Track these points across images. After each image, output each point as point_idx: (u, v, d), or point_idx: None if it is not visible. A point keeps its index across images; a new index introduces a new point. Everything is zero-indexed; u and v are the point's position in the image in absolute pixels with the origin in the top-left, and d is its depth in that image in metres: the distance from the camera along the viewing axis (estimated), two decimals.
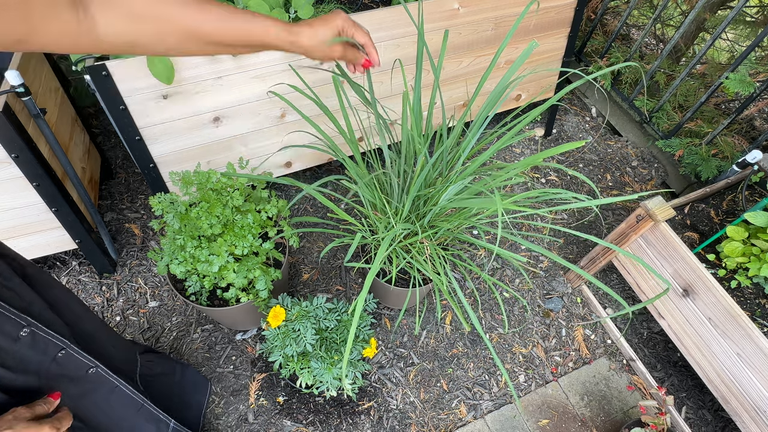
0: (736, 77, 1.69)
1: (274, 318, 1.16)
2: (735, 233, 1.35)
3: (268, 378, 1.51)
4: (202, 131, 1.46)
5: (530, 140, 2.33)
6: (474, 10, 1.60)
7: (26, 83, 1.23)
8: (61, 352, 0.79)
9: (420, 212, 1.28)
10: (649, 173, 2.22)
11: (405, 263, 1.33)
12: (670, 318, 1.44)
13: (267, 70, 1.41)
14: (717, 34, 1.76)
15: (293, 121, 1.59)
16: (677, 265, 1.36)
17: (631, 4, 2.09)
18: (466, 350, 1.62)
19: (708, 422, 1.53)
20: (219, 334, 1.59)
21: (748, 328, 1.21)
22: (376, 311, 1.68)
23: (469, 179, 1.11)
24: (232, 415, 1.43)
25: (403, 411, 1.48)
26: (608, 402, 1.55)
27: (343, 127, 1.27)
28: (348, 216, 1.20)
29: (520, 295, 1.77)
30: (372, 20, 1.46)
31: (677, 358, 1.66)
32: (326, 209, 1.94)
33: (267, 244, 1.23)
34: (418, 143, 1.21)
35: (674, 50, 2.31)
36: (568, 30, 1.89)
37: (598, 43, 2.37)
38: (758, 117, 2.12)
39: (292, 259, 1.80)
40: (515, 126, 1.16)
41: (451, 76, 1.78)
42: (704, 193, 1.55)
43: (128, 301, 1.65)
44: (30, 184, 1.32)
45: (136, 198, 1.91)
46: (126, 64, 1.21)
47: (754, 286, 1.38)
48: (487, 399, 1.53)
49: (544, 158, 1.20)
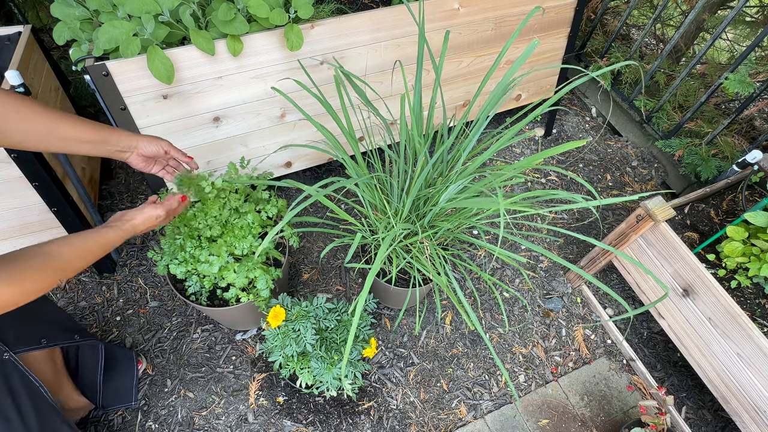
0: (735, 77, 1.68)
1: (274, 318, 1.16)
2: (735, 233, 1.35)
3: (268, 378, 1.51)
4: (202, 131, 1.46)
5: (530, 140, 2.33)
6: (474, 10, 1.60)
7: (26, 83, 1.23)
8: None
9: (420, 212, 1.28)
10: (649, 173, 2.22)
11: (405, 263, 1.33)
12: (670, 318, 1.44)
13: (267, 70, 1.41)
14: (717, 34, 1.76)
15: (293, 121, 1.59)
16: (677, 265, 1.36)
17: (631, 4, 2.09)
18: (466, 350, 1.62)
19: (708, 422, 1.53)
20: (219, 334, 1.59)
21: (748, 328, 1.21)
22: (376, 311, 1.68)
23: (469, 179, 1.11)
24: (232, 415, 1.43)
25: (403, 411, 1.48)
26: (608, 402, 1.55)
27: (344, 126, 1.27)
28: (348, 216, 1.20)
29: (520, 295, 1.77)
30: (372, 20, 1.46)
31: (677, 358, 1.66)
32: (326, 209, 1.94)
33: (266, 244, 1.23)
34: (418, 143, 1.21)
35: (674, 50, 2.31)
36: (568, 30, 1.89)
37: (598, 43, 2.37)
38: (758, 117, 2.12)
39: (292, 259, 1.80)
40: (515, 126, 1.16)
41: (451, 76, 1.78)
42: (704, 193, 1.55)
43: (128, 301, 1.64)
44: (30, 184, 1.32)
45: (136, 198, 1.91)
46: (126, 64, 1.21)
47: (754, 286, 1.38)
48: (487, 399, 1.53)
49: (544, 158, 1.20)
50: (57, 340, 1.13)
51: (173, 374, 1.50)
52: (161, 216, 1.00)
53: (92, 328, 1.58)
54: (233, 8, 1.22)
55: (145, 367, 1.50)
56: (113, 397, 1.35)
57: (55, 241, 0.80)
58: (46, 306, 1.19)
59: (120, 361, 1.37)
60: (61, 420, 1.08)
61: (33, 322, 1.10)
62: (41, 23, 2.18)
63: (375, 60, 1.56)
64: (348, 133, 1.27)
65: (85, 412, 1.35)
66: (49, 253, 0.77)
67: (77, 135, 0.87)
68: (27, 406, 0.98)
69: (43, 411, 1.03)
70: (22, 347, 1.02)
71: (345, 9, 1.72)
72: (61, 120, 0.85)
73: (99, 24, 1.22)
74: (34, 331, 1.08)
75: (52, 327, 1.15)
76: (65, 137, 0.86)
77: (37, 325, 1.11)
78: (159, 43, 1.21)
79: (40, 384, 1.03)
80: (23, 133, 0.81)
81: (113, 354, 1.37)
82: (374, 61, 1.56)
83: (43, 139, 0.84)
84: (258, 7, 1.23)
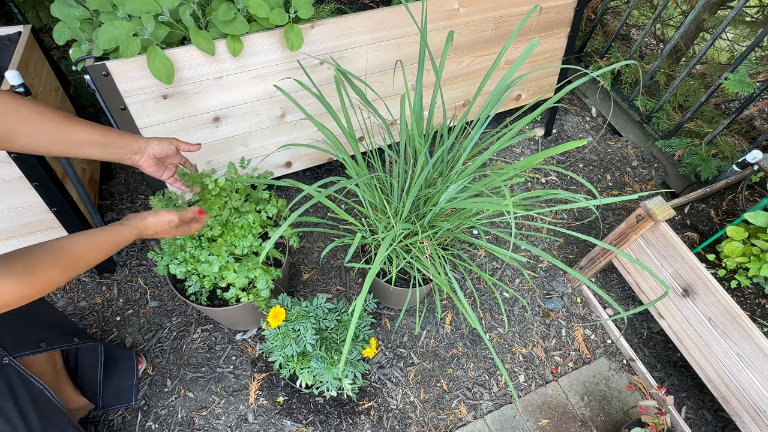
0: (735, 77, 1.68)
1: (274, 318, 1.16)
2: (735, 233, 1.35)
3: (268, 378, 1.51)
4: (202, 131, 1.46)
5: (530, 140, 2.33)
6: (474, 10, 1.60)
7: (26, 83, 1.23)
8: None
9: (420, 212, 1.28)
10: (649, 173, 2.22)
11: (405, 263, 1.33)
12: (670, 318, 1.44)
13: (267, 70, 1.41)
14: (717, 34, 1.76)
15: (293, 121, 1.59)
16: (677, 265, 1.36)
17: (631, 4, 2.09)
18: (466, 350, 1.62)
19: (708, 422, 1.53)
20: (219, 334, 1.59)
21: (748, 328, 1.21)
22: (376, 311, 1.68)
23: (469, 179, 1.11)
24: (232, 415, 1.43)
25: (403, 411, 1.48)
26: (608, 402, 1.55)
27: (344, 126, 1.27)
28: (348, 216, 1.20)
29: (520, 295, 1.77)
30: (372, 20, 1.46)
31: (677, 358, 1.66)
32: (326, 209, 1.94)
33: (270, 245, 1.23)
34: (419, 143, 1.21)
35: (674, 50, 2.31)
36: (568, 30, 1.89)
37: (598, 43, 2.37)
38: (758, 117, 2.12)
39: (292, 259, 1.80)
40: (515, 126, 1.16)
41: (451, 76, 1.78)
42: (704, 193, 1.55)
43: (128, 301, 1.65)
44: (30, 184, 1.32)
45: (136, 198, 1.91)
46: (126, 64, 1.21)
47: (754, 286, 1.38)
48: (487, 399, 1.53)
49: (544, 158, 1.20)
50: (56, 343, 1.13)
51: (173, 374, 1.50)
52: (174, 222, 0.99)
53: (92, 328, 1.58)
54: (233, 8, 1.22)
55: (145, 367, 1.50)
56: (113, 397, 1.35)
57: (69, 236, 0.81)
58: (44, 309, 1.19)
59: (120, 361, 1.37)
60: (67, 421, 1.08)
61: (31, 325, 1.10)
62: (41, 23, 2.18)
63: (375, 60, 1.56)
64: (348, 133, 1.27)
65: (85, 412, 1.35)
66: (63, 248, 0.78)
67: (88, 138, 0.87)
68: (30, 409, 0.98)
69: (49, 413, 1.03)
70: (22, 351, 1.02)
71: (345, 9, 1.72)
72: (71, 123, 0.85)
73: (99, 24, 1.22)
74: (33, 335, 1.08)
75: (51, 330, 1.15)
76: (77, 140, 0.86)
77: (36, 329, 1.10)
78: (159, 43, 1.21)
79: (44, 386, 1.04)
80: (37, 137, 0.81)
81: (113, 354, 1.37)
82: (374, 61, 1.56)
83: (55, 142, 0.84)
84: (258, 7, 1.23)
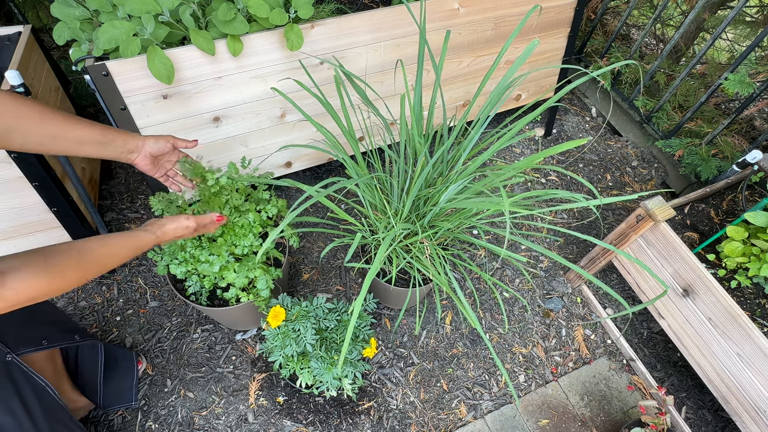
0: (735, 78, 1.68)
1: (274, 318, 1.16)
2: (735, 233, 1.35)
3: (268, 378, 1.51)
4: (202, 131, 1.46)
5: (530, 140, 2.33)
6: (474, 10, 1.60)
7: (26, 83, 1.23)
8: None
9: (420, 212, 1.28)
10: (649, 173, 2.22)
11: (405, 263, 1.33)
12: (670, 318, 1.44)
13: (267, 70, 1.41)
14: (717, 34, 1.76)
15: (294, 121, 1.59)
16: (677, 265, 1.36)
17: (631, 4, 2.09)
18: (466, 350, 1.62)
19: (708, 422, 1.53)
20: (219, 334, 1.59)
21: (748, 328, 1.21)
22: (376, 311, 1.68)
23: (469, 179, 1.11)
24: (232, 415, 1.43)
25: (403, 411, 1.48)
26: (608, 402, 1.55)
27: (344, 126, 1.27)
28: (348, 216, 1.20)
29: (520, 295, 1.77)
30: (372, 20, 1.46)
31: (677, 358, 1.66)
32: (326, 209, 1.94)
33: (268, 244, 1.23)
34: (419, 143, 1.21)
35: (674, 50, 2.31)
36: (568, 30, 1.89)
37: (598, 43, 2.37)
38: (758, 117, 2.12)
39: (292, 259, 1.80)
40: (515, 126, 1.16)
41: (451, 76, 1.78)
42: (704, 193, 1.55)
43: (128, 301, 1.65)
44: (30, 184, 1.32)
45: (136, 198, 1.91)
46: (126, 64, 1.21)
47: (754, 286, 1.38)
48: (487, 399, 1.53)
49: (544, 158, 1.20)
50: (57, 341, 1.14)
51: (173, 374, 1.50)
52: (191, 227, 1.02)
53: (92, 328, 1.58)
54: (233, 8, 1.22)
55: (145, 367, 1.50)
56: (113, 397, 1.35)
57: (92, 239, 0.82)
58: (45, 307, 1.20)
59: (120, 361, 1.38)
60: (70, 418, 1.09)
61: (33, 323, 1.11)
62: (41, 23, 2.18)
63: (375, 60, 1.56)
64: (348, 133, 1.27)
65: (85, 412, 1.35)
66: (86, 250, 0.79)
67: (88, 136, 0.88)
68: (34, 406, 0.99)
69: (52, 410, 1.03)
70: (23, 349, 1.03)
71: (345, 9, 1.72)
72: (71, 122, 0.86)
73: (99, 24, 1.22)
74: (34, 332, 1.09)
75: (52, 328, 1.15)
76: (77, 139, 0.87)
77: (38, 327, 1.11)
78: (159, 43, 1.21)
79: (47, 384, 1.04)
80: (37, 136, 0.82)
81: (113, 354, 1.37)
82: (374, 61, 1.56)
83: (55, 141, 0.85)
84: (258, 7, 1.23)
